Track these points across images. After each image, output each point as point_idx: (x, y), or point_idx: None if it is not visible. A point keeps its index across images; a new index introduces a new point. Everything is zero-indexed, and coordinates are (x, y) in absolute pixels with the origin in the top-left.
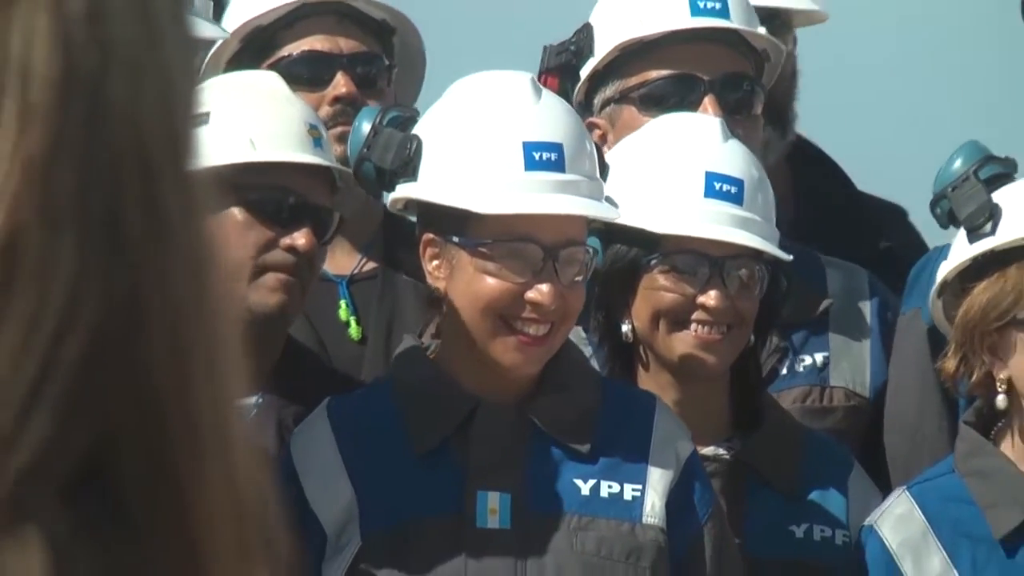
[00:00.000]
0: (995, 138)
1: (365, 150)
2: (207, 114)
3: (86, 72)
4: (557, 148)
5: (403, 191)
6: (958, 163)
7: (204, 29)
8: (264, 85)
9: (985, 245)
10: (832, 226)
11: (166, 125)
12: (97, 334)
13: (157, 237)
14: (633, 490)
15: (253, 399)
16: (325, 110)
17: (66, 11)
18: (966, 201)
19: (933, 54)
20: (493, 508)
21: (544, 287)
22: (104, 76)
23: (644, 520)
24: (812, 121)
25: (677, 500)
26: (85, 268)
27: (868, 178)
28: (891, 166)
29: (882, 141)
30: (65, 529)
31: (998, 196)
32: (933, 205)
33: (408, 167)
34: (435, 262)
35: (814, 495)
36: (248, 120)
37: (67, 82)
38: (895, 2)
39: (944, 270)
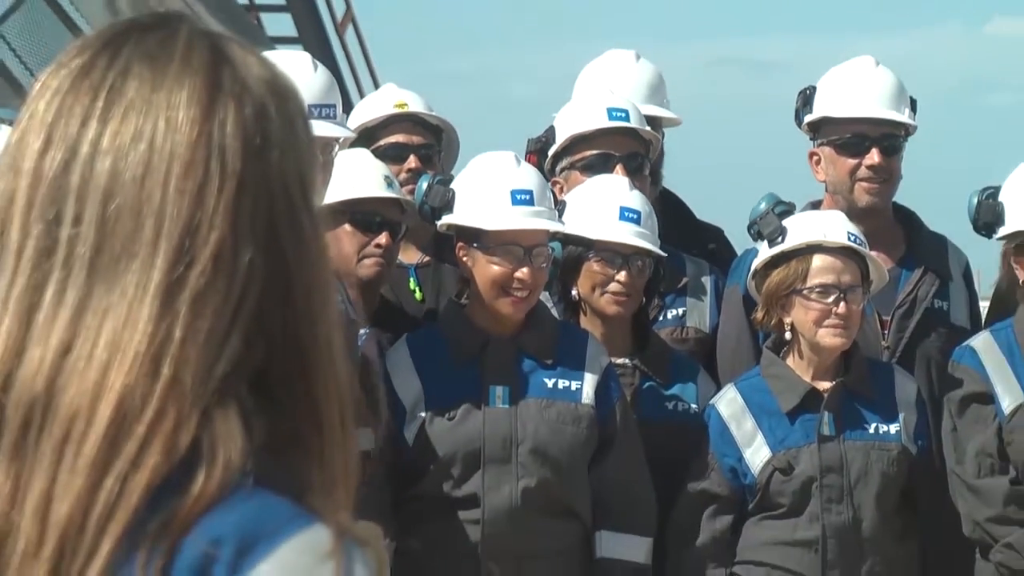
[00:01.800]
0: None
1: (424, 198)
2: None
3: (256, 148)
4: (529, 192)
5: (446, 219)
6: (763, 204)
7: (340, 131)
8: (358, 156)
9: (777, 249)
10: (681, 237)
11: (299, 177)
12: (262, 297)
13: (296, 242)
14: (576, 384)
15: (363, 330)
16: (402, 176)
17: (244, 113)
18: (767, 225)
19: (751, 144)
20: (499, 395)
21: (525, 270)
22: (265, 150)
23: (583, 401)
24: (672, 177)
25: (600, 390)
26: (255, 260)
27: (705, 210)
28: (719, 203)
29: (715, 189)
30: (249, 405)
31: (786, 222)
32: (748, 228)
33: (448, 206)
34: (464, 258)
35: (678, 385)
36: (350, 175)
37: (246, 154)
38: (725, 110)
39: (755, 263)
